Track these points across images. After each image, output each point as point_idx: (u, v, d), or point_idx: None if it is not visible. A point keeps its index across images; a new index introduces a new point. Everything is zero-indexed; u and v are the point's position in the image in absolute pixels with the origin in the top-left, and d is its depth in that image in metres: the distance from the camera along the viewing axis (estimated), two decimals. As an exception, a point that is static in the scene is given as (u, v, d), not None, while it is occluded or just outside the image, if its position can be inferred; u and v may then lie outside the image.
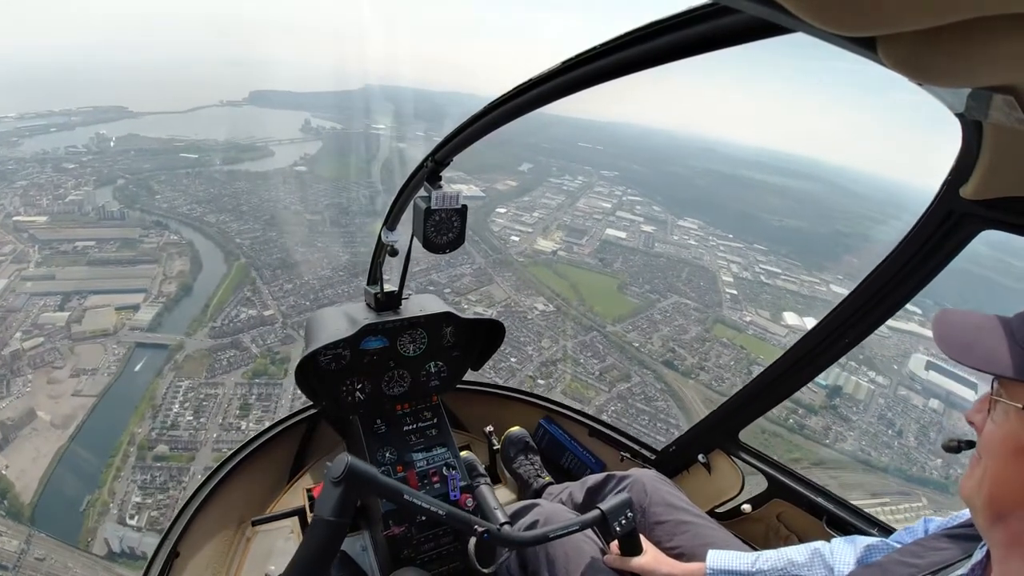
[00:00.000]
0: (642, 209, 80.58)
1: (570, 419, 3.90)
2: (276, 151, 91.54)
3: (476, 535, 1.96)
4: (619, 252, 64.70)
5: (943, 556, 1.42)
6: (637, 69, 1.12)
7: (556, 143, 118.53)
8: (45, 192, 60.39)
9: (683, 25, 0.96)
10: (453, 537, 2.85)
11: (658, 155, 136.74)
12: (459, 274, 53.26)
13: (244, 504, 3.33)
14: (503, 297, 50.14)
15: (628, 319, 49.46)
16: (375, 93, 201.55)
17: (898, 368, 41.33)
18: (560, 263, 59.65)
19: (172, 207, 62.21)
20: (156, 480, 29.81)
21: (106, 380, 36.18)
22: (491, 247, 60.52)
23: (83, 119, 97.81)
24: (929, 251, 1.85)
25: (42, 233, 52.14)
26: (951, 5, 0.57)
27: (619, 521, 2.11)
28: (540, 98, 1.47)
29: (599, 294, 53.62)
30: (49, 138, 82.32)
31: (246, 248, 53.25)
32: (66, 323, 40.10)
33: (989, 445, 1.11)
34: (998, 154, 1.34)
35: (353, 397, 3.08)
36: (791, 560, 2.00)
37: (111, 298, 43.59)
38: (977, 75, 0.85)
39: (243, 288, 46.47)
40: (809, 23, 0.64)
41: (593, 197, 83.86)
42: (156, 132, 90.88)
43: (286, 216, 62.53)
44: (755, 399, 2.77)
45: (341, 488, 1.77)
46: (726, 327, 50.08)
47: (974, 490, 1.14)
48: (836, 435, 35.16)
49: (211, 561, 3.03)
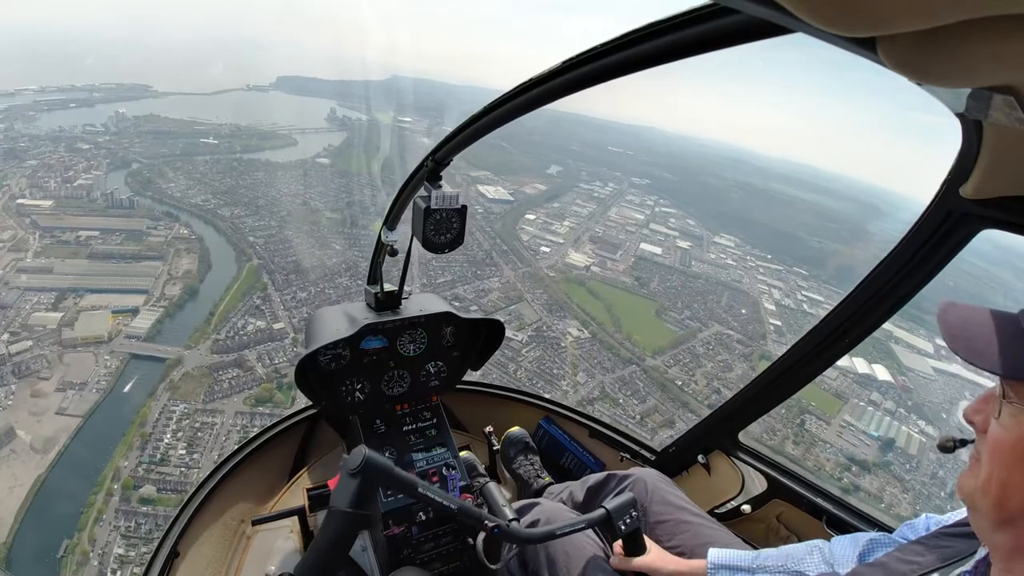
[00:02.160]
0: (676, 222, 76.76)
1: (570, 419, 3.80)
2: (299, 140, 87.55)
3: (486, 530, 1.91)
4: (655, 270, 60.43)
5: (945, 554, 1.40)
6: (637, 69, 1.12)
7: (585, 146, 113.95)
8: (54, 174, 57.10)
9: (683, 25, 0.97)
10: (453, 537, 2.78)
11: (689, 163, 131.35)
12: (486, 288, 48.53)
13: (244, 504, 3.25)
14: (534, 319, 45.29)
15: (668, 351, 44.89)
16: (405, 85, 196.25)
17: (947, 417, 38.06)
18: (594, 280, 54.92)
19: (185, 196, 57.87)
20: (140, 528, 25.57)
21: (94, 397, 32.00)
22: (520, 259, 55.79)
23: (105, 96, 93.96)
24: (929, 250, 1.81)
25: (45, 220, 48.39)
26: (951, 5, 0.57)
27: (624, 520, 2.08)
28: (540, 98, 1.43)
29: (636, 319, 49.19)
30: (68, 114, 79.01)
31: (259, 248, 48.61)
32: (57, 326, 36.15)
33: (997, 450, 1.05)
34: (998, 154, 1.30)
35: (353, 397, 3.03)
36: (792, 557, 1.96)
37: (109, 298, 39.48)
38: (977, 75, 0.84)
39: (253, 294, 41.80)
40: (809, 23, 0.64)
41: (625, 206, 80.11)
42: (178, 114, 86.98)
43: (304, 213, 57.81)
44: (755, 400, 2.72)
45: (358, 480, 1.74)
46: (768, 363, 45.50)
47: (978, 493, 1.09)
48: (891, 497, 31.68)
49: (211, 561, 2.95)
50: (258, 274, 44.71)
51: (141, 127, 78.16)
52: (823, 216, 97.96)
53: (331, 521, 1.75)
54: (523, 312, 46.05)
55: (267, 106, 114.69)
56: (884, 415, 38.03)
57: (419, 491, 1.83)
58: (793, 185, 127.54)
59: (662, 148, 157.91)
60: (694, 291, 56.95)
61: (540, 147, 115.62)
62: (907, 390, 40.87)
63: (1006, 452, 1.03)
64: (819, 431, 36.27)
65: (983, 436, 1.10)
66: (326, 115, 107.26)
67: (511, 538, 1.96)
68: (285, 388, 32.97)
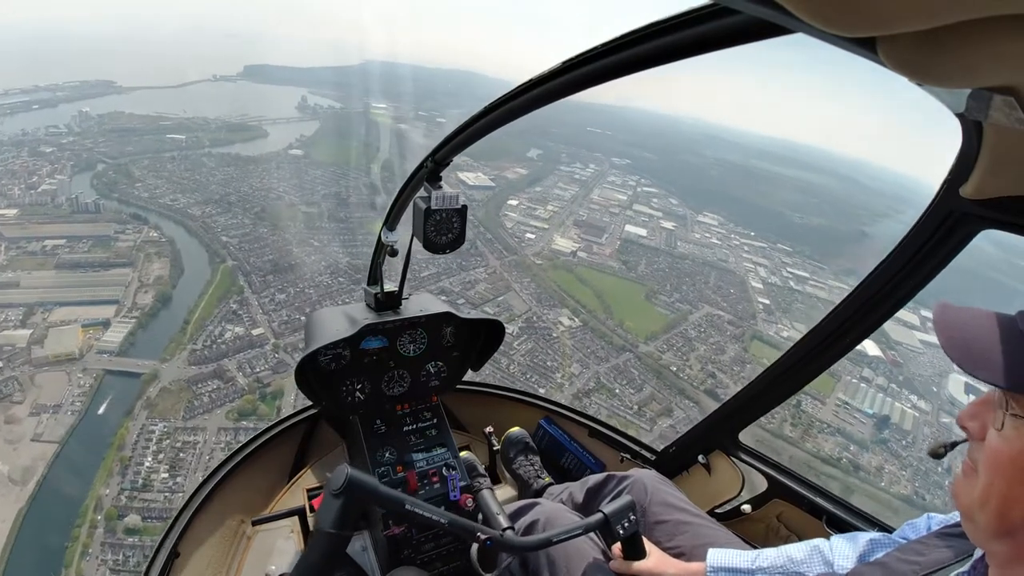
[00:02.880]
0: (659, 202, 76.35)
1: (570, 419, 3.74)
2: (270, 131, 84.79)
3: (479, 542, 1.87)
4: (642, 253, 59.53)
5: (945, 554, 1.38)
6: (637, 69, 1.12)
7: (564, 127, 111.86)
8: (18, 180, 54.67)
9: (683, 25, 0.96)
10: (453, 537, 2.70)
11: (668, 142, 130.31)
12: (473, 280, 47.09)
13: (244, 504, 3.17)
14: (524, 309, 44.07)
15: (661, 336, 44.14)
16: (375, 70, 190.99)
17: (937, 390, 38.74)
18: (581, 266, 53.86)
19: (153, 196, 55.30)
20: (129, 561, 24.13)
21: (70, 420, 30.19)
22: (506, 246, 54.37)
23: (68, 95, 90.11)
24: (929, 251, 1.79)
25: (10, 230, 45.96)
26: (951, 5, 0.57)
27: (622, 524, 2.03)
28: (540, 98, 1.44)
29: (627, 304, 48.26)
30: (31, 116, 75.46)
31: (233, 248, 46.45)
32: (27, 344, 34.21)
33: (997, 462, 1.02)
34: (998, 154, 1.29)
35: (353, 397, 2.95)
36: (791, 557, 1.93)
37: (78, 311, 37.44)
38: (977, 75, 0.83)
39: (229, 299, 39.82)
40: (809, 24, 0.64)
41: (607, 188, 79.25)
42: (143, 109, 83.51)
43: (279, 208, 55.56)
44: (755, 399, 2.66)
45: (341, 500, 1.67)
46: (764, 344, 45.44)
47: (975, 504, 1.07)
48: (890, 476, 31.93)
49: (211, 561, 2.87)
50: (233, 276, 42.68)
51: (105, 125, 74.85)
52: (804, 191, 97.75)
53: (316, 542, 1.69)
54: (512, 303, 44.78)
55: (235, 96, 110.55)
56: (877, 391, 38.02)
57: (407, 508, 1.77)
58: (771, 160, 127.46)
59: (642, 128, 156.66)
60: (682, 272, 56.35)
61: (519, 131, 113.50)
62: (897, 364, 40.72)
63: (1007, 465, 1.00)
64: (815, 411, 35.83)
65: (978, 444, 1.07)
66: (297, 103, 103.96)
67: (505, 548, 1.91)
68: (268, 399, 31.46)
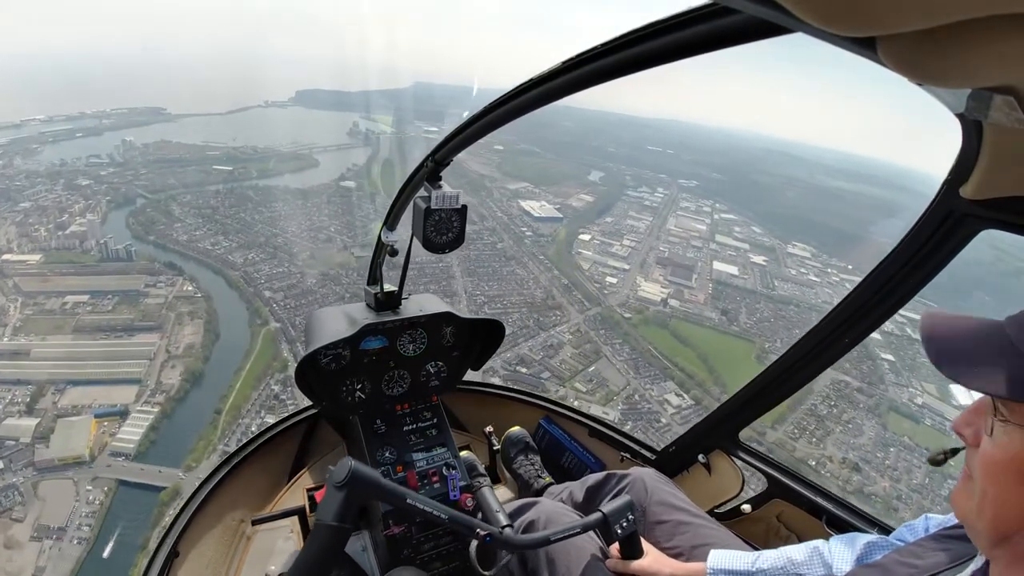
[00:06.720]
0: (742, 231, 67.06)
1: (570, 419, 3.62)
2: (320, 160, 78.36)
3: (478, 538, 1.85)
4: (738, 297, 50.41)
5: (944, 557, 1.36)
6: (638, 69, 1.11)
7: (622, 146, 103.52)
8: (47, 218, 48.88)
9: (683, 25, 0.95)
10: (453, 537, 2.66)
11: (732, 160, 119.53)
12: (555, 343, 38.35)
13: (244, 504, 3.06)
14: (621, 384, 35.13)
15: (788, 416, 34.48)
16: (425, 92, 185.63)
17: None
18: (675, 317, 44.83)
19: (192, 240, 48.62)
20: None
21: (76, 553, 23.36)
22: (586, 295, 45.66)
23: (115, 122, 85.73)
24: (929, 251, 1.76)
25: (29, 283, 39.89)
26: (951, 5, 0.56)
27: (620, 524, 2.01)
28: (541, 98, 1.41)
29: (739, 370, 39.04)
30: (73, 145, 70.58)
31: (277, 305, 39.04)
32: (31, 439, 27.67)
33: (990, 469, 1.00)
34: (998, 154, 1.27)
35: (353, 397, 2.84)
36: (791, 559, 1.91)
37: (94, 392, 30.58)
38: (977, 75, 0.82)
39: (269, 377, 32.04)
40: (809, 23, 0.63)
41: (682, 216, 69.90)
42: (190, 138, 78.25)
43: (329, 253, 48.10)
44: (755, 399, 2.58)
45: (344, 492, 1.66)
46: (901, 416, 36.69)
47: (973, 513, 1.06)
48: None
49: (211, 561, 2.77)
50: (276, 344, 35.14)
51: (149, 155, 69.45)
52: (878, 208, 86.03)
53: (316, 534, 1.66)
54: (606, 374, 35.91)
55: (286, 123, 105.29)
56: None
57: (408, 502, 1.76)
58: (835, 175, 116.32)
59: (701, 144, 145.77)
60: (789, 322, 46.75)
61: (574, 150, 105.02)
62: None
63: (999, 471, 0.98)
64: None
65: (974, 450, 1.05)
66: (348, 129, 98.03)
67: (504, 545, 1.89)
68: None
